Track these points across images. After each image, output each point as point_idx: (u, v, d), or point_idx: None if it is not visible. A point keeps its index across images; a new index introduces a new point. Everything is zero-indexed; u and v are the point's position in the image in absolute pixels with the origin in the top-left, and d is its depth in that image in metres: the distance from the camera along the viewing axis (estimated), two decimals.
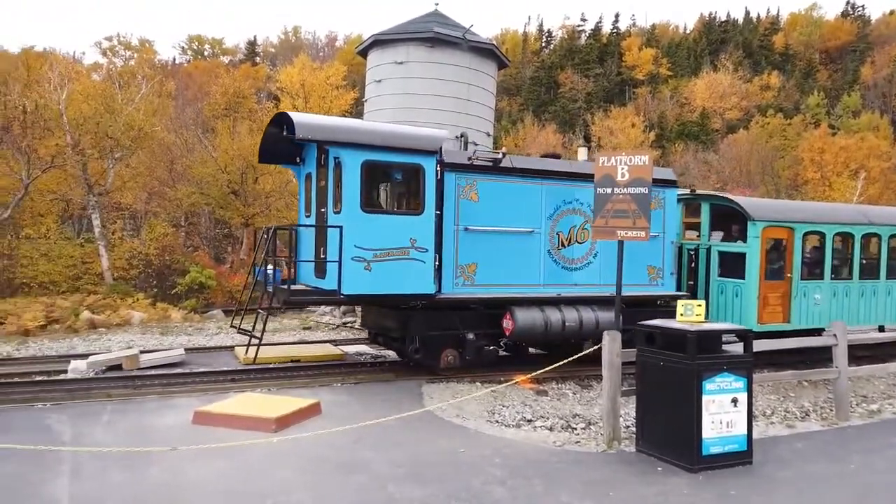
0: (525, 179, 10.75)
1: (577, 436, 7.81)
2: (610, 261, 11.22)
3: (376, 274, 9.42)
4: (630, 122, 56.69)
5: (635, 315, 11.23)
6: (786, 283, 12.11)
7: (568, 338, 10.90)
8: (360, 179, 9.39)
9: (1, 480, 5.69)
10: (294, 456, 6.44)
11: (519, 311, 10.31)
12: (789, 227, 12.11)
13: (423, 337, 10.17)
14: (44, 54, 32.74)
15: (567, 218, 11.09)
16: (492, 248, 10.44)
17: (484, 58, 20.84)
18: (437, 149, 9.88)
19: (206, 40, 73.05)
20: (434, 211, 9.83)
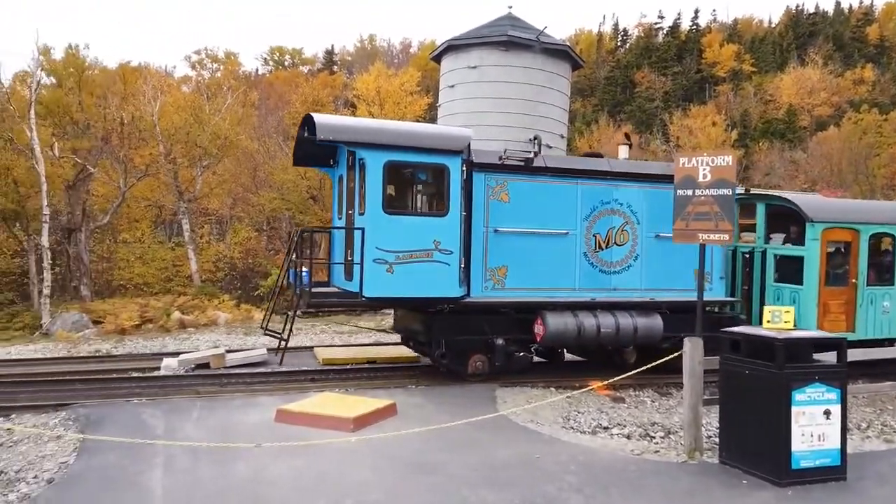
0: (559, 179, 10.42)
1: (656, 445, 7.60)
2: (653, 264, 10.84)
3: (399, 276, 9.23)
4: (710, 121, 54.67)
5: (681, 322, 10.76)
6: (850, 289, 11.24)
7: (604, 344, 10.54)
8: (383, 180, 9.25)
9: (103, 470, 6.09)
10: (371, 455, 6.58)
11: (550, 316, 9.98)
12: (854, 228, 11.24)
13: (450, 341, 9.97)
14: (139, 69, 34.81)
15: (605, 219, 10.65)
16: (523, 251, 10.14)
17: (558, 59, 20.60)
18: (463, 148, 9.63)
19: (287, 51, 75.56)
20: (460, 212, 9.59)
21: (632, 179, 10.89)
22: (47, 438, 7.17)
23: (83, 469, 6.14)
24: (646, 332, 10.40)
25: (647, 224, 10.87)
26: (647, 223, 10.87)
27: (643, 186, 10.87)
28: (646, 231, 10.87)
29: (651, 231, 10.88)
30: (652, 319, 10.49)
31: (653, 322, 10.48)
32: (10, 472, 6.24)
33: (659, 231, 10.81)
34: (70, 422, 7.82)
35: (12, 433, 7.50)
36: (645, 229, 10.87)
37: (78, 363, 12.47)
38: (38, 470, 6.21)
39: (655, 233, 10.84)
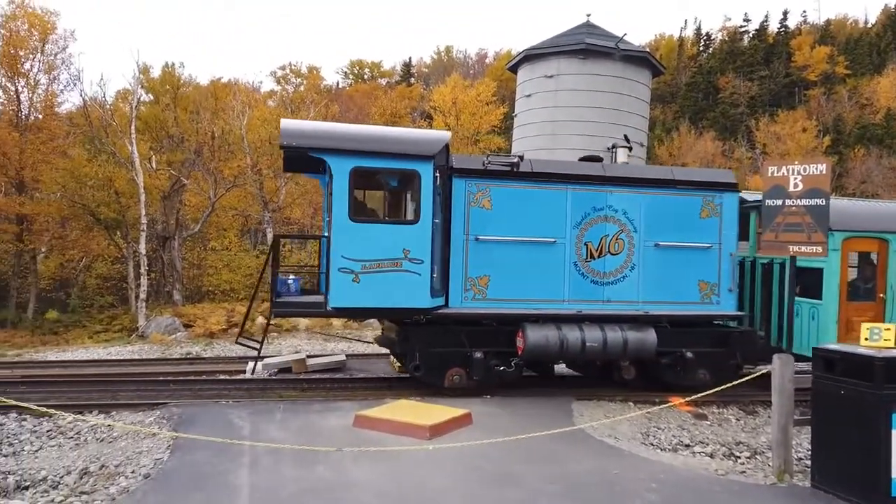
0: (547, 184, 9.92)
1: (741, 465, 7.31)
2: (651, 275, 10.24)
3: (365, 286, 8.88)
4: (801, 127, 52.12)
5: (683, 336, 10.28)
6: (878, 304, 10.30)
7: (591, 359, 10.08)
8: (349, 186, 8.91)
9: (195, 467, 6.41)
10: (448, 464, 6.63)
11: (530, 329, 9.51)
12: (881, 237, 10.27)
13: (425, 353, 9.59)
14: (229, 85, 36.57)
15: (598, 226, 10.09)
16: (506, 260, 9.73)
17: (637, 66, 20.28)
18: (434, 153, 9.14)
19: (366, 64, 77.41)
20: (432, 220, 9.15)
21: (628, 185, 10.28)
22: (144, 435, 7.61)
23: (176, 466, 6.48)
24: (637, 346, 9.78)
25: (645, 232, 10.24)
26: (646, 231, 10.25)
27: (641, 192, 10.26)
28: (644, 240, 10.24)
29: (650, 240, 10.25)
30: (645, 333, 9.85)
31: (645, 336, 9.83)
32: (111, 466, 6.66)
33: (659, 240, 10.26)
34: (164, 420, 8.27)
35: (112, 429, 8.01)
36: (643, 238, 10.24)
37: (171, 364, 13.18)
38: (135, 465, 6.60)
39: (655, 241, 10.25)
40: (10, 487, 6.17)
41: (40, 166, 27.62)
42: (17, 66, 28.85)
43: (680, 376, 10.25)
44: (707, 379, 10.18)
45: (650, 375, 10.43)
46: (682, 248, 10.28)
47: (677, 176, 10.60)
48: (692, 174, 11.15)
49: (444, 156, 9.58)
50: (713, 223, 10.39)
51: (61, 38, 30.13)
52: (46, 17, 29.79)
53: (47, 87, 30.18)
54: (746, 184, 42.13)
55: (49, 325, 25.82)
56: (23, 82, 29.33)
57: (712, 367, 10.30)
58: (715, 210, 10.40)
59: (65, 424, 8.25)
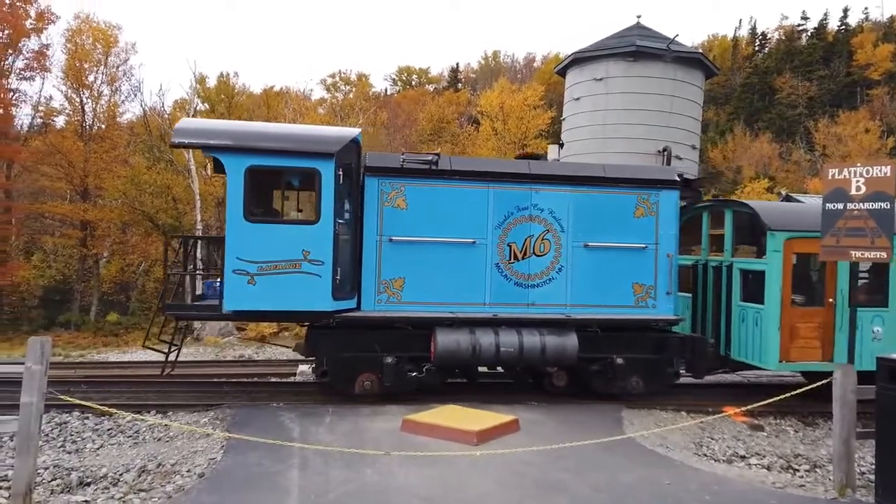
0: (467, 183, 9.55)
1: (800, 478, 7.05)
2: (580, 277, 9.80)
3: (262, 288, 8.58)
4: (863, 128, 50.09)
5: (613, 341, 9.75)
6: (826, 310, 9.60)
7: (507, 365, 9.66)
8: (244, 186, 8.61)
9: (247, 468, 6.55)
10: (495, 470, 6.59)
11: (441, 334, 9.17)
12: None
13: (334, 359, 9.26)
14: (280, 93, 37.43)
15: (522, 227, 9.67)
16: (422, 262, 9.39)
17: (689, 67, 19.86)
18: (335, 151, 8.79)
19: (414, 70, 78.05)
20: (333, 220, 8.80)
21: (555, 182, 9.84)
22: (198, 435, 7.82)
23: (229, 465, 6.64)
24: (556, 352, 9.36)
25: (573, 232, 9.82)
26: (574, 231, 9.82)
27: (569, 190, 9.82)
28: (572, 240, 9.82)
29: (579, 240, 9.83)
30: (564, 338, 9.42)
31: (565, 341, 9.40)
32: (167, 465, 6.87)
33: (589, 240, 9.82)
34: (218, 421, 8.49)
35: (169, 429, 8.26)
36: (571, 238, 9.81)
37: (225, 367, 13.53)
38: (190, 464, 6.79)
39: (584, 242, 9.82)
40: (73, 483, 6.43)
41: (103, 174, 28.85)
42: (81, 79, 30.21)
43: (609, 384, 9.81)
44: (640, 387, 9.81)
45: (582, 382, 10.04)
46: (614, 248, 9.85)
47: (609, 173, 10.12)
48: (626, 171, 10.60)
49: (352, 154, 9.29)
50: (649, 222, 9.93)
51: (123, 50, 31.47)
52: (109, 31, 31.12)
53: (110, 98, 31.53)
54: (805, 187, 40.73)
55: (110, 327, 26.88)
56: (87, 94, 30.72)
57: (646, 374, 9.87)
58: (651, 209, 9.93)
59: (124, 423, 8.56)
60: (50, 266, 31.30)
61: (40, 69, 30.23)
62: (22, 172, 31.43)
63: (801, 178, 47.56)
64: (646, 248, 9.92)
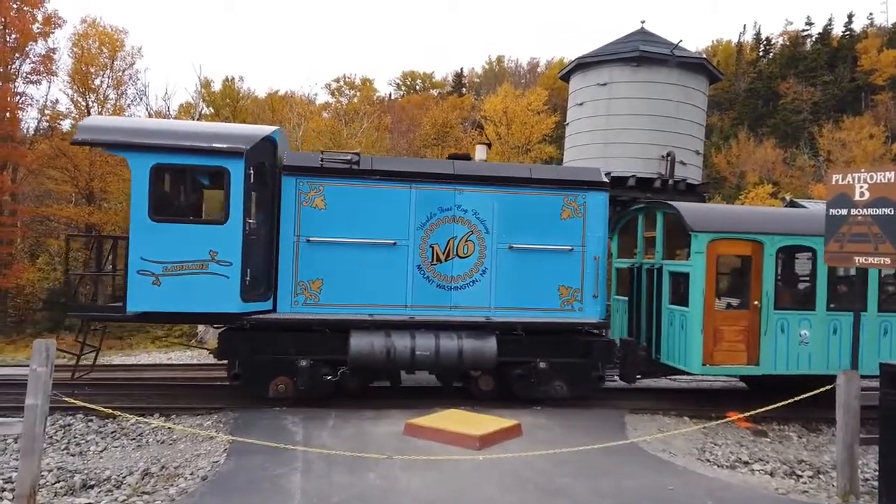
0: (388, 183, 9.42)
1: (803, 484, 7.04)
2: (505, 279, 9.65)
3: (167, 289, 8.42)
4: (867, 133, 50.08)
5: (537, 345, 9.59)
6: (752, 313, 9.50)
7: (424, 369, 9.49)
8: (149, 184, 8.46)
9: (250, 471, 6.56)
10: (498, 474, 6.59)
11: (355, 337, 9.06)
12: (756, 240, 9.47)
13: (248, 361, 9.07)
14: (285, 97, 37.56)
15: (445, 227, 9.54)
16: (341, 263, 9.26)
17: (693, 73, 19.87)
18: (244, 150, 8.64)
19: (418, 75, 78.28)
20: (243, 220, 8.65)
21: (479, 183, 9.71)
22: (202, 438, 7.84)
23: (232, 469, 6.65)
24: (474, 356, 9.23)
25: (498, 234, 9.69)
26: (499, 233, 9.69)
27: (493, 191, 9.70)
28: (497, 242, 9.68)
29: (503, 242, 9.69)
30: (483, 342, 9.29)
31: (483, 345, 9.27)
32: (171, 468, 6.89)
33: (513, 242, 9.69)
34: (221, 424, 8.51)
35: (172, 432, 8.28)
36: (495, 240, 9.69)
37: None
38: (193, 467, 6.81)
39: (509, 244, 9.69)
40: (76, 486, 6.45)
41: (108, 178, 28.98)
42: (88, 83, 30.38)
43: (531, 388, 9.66)
44: (563, 392, 9.69)
45: (507, 387, 9.90)
46: (539, 250, 9.72)
47: (535, 174, 10.02)
48: (552, 172, 10.49)
49: (267, 153, 9.17)
50: (576, 224, 9.79)
51: (129, 54, 31.65)
52: (116, 35, 31.30)
53: (115, 102, 31.67)
54: (809, 192, 40.66)
55: (114, 329, 26.90)
56: (93, 97, 30.86)
57: (571, 378, 9.75)
58: (578, 210, 9.79)
59: (128, 426, 8.58)
60: (55, 269, 31.40)
61: (47, 73, 30.39)
62: (28, 175, 31.57)
63: (805, 183, 47.52)
64: (572, 250, 9.77)
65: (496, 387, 9.87)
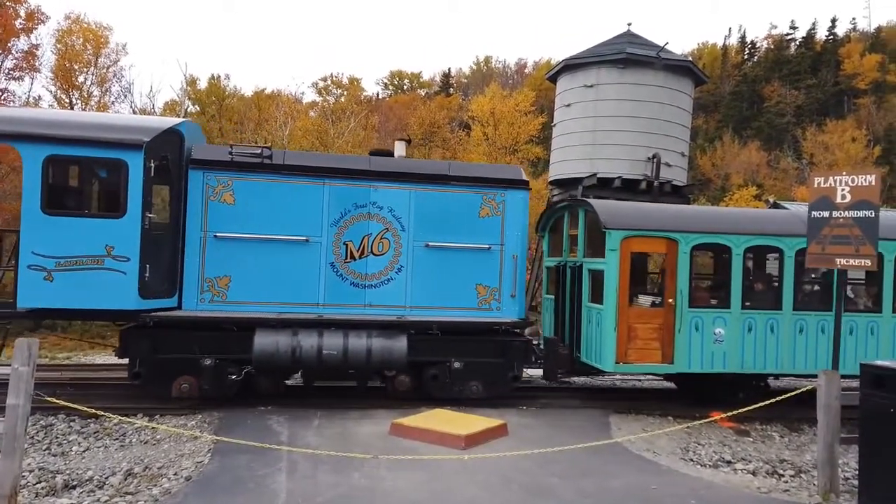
0: (301, 178, 9.29)
1: (785, 483, 7.11)
2: (421, 277, 9.57)
3: (60, 285, 8.16)
4: (850, 136, 50.70)
5: (454, 345, 9.50)
6: (667, 311, 9.44)
7: (331, 368, 9.31)
8: (42, 176, 8.19)
9: (234, 471, 6.53)
10: (483, 474, 6.61)
11: (259, 335, 8.85)
12: (670, 237, 9.42)
13: (149, 361, 8.80)
14: (272, 96, 37.37)
15: (359, 225, 9.43)
16: (251, 260, 9.09)
17: (679, 75, 20.02)
18: (144, 142, 8.40)
19: (406, 75, 78.16)
20: (142, 214, 8.40)
21: (396, 180, 9.60)
22: (186, 438, 7.78)
23: (216, 469, 6.61)
24: (382, 355, 9.09)
25: (414, 231, 9.60)
26: (416, 230, 9.60)
27: (410, 188, 9.60)
28: (413, 240, 9.60)
29: (420, 240, 9.61)
30: (393, 341, 9.13)
31: (392, 344, 9.11)
32: (154, 468, 6.83)
33: (430, 240, 9.61)
34: (206, 424, 8.45)
35: (156, 432, 8.21)
36: (412, 237, 9.60)
37: None
38: (177, 467, 6.76)
39: (426, 242, 9.61)
40: (58, 486, 6.38)
41: None
42: (71, 79, 30.06)
43: (446, 388, 9.53)
44: (479, 392, 9.55)
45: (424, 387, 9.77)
46: (457, 249, 9.65)
47: (453, 171, 9.96)
48: (471, 169, 10.42)
49: (172, 145, 8.94)
50: (494, 222, 9.72)
51: (113, 51, 31.35)
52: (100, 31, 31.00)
53: (100, 99, 31.36)
54: (792, 194, 41.11)
55: (97, 329, 26.63)
56: (76, 94, 30.55)
57: (487, 378, 9.61)
58: (497, 209, 9.71)
59: (111, 426, 8.50)
60: None
61: (29, 69, 30.07)
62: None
63: (788, 185, 48.03)
64: (490, 248, 9.71)
65: (412, 387, 9.69)
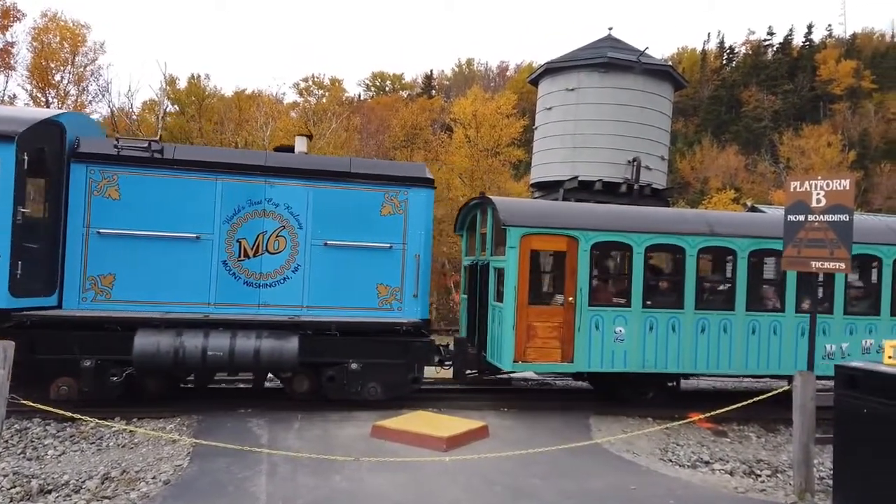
0: (192, 173, 9.01)
1: (761, 483, 7.21)
2: (320, 277, 9.34)
3: None
4: (825, 141, 51.58)
5: (352, 347, 9.19)
6: (566, 309, 9.43)
7: (219, 370, 9.14)
8: None
9: (214, 474, 6.47)
10: (464, 476, 6.62)
11: (140, 336, 8.50)
12: (570, 235, 9.39)
13: (24, 362, 8.13)
14: (252, 96, 37.11)
15: (254, 222, 9.19)
16: (138, 257, 8.80)
17: (659, 80, 20.24)
18: (15, 134, 8.06)
19: (388, 76, 78.06)
20: (13, 209, 8.05)
21: (293, 176, 9.36)
22: (164, 442, 7.70)
23: (195, 472, 6.55)
24: (271, 356, 8.77)
25: (312, 229, 9.37)
26: (314, 228, 9.37)
27: (309, 185, 9.37)
28: (311, 238, 9.36)
29: (318, 238, 9.37)
30: (283, 342, 8.81)
31: (283, 345, 8.79)
32: (132, 472, 6.75)
33: (329, 238, 9.38)
34: (185, 427, 8.36)
35: (134, 435, 8.11)
36: (310, 235, 9.36)
37: None
38: (155, 471, 6.68)
39: (324, 240, 9.38)
40: (33, 491, 6.28)
41: None
42: (47, 78, 29.60)
43: (342, 390, 9.30)
44: (378, 394, 9.35)
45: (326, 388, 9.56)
46: (357, 248, 9.44)
47: (354, 168, 9.71)
48: (373, 166, 10.18)
49: (51, 138, 8.65)
50: (396, 221, 9.52)
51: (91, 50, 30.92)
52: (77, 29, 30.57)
53: (76, 98, 30.92)
54: (770, 198, 41.70)
55: None
56: (53, 93, 30.09)
57: (386, 380, 9.39)
58: (399, 207, 9.52)
59: (87, 429, 8.37)
60: None
61: (4, 67, 29.59)
62: None
63: (766, 189, 48.71)
64: (392, 247, 9.51)
65: (312, 388, 9.49)
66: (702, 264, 10.34)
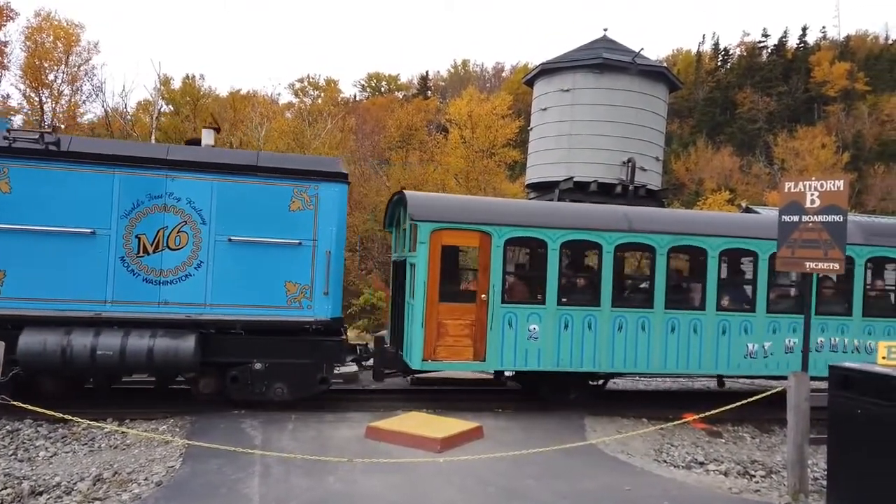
0: (87, 166, 8.69)
1: (756, 484, 7.22)
2: (224, 274, 9.04)
3: None
4: (819, 143, 51.79)
5: (257, 346, 9.02)
6: (479, 306, 9.20)
7: (109, 370, 8.82)
8: None
9: (206, 476, 6.44)
10: (459, 477, 6.60)
11: (25, 335, 8.26)
12: (483, 231, 9.18)
13: None
14: (248, 96, 37.04)
15: (154, 217, 8.85)
16: (29, 253, 8.50)
17: (654, 81, 20.27)
18: None
19: (384, 77, 78.03)
20: None
21: (196, 170, 9.06)
22: (157, 443, 7.66)
23: (188, 474, 6.51)
24: (166, 356, 8.50)
25: (216, 225, 9.05)
26: (218, 224, 9.06)
27: (213, 179, 9.07)
28: (215, 233, 9.04)
29: (222, 234, 9.06)
30: (179, 341, 8.56)
31: (178, 345, 8.54)
32: (124, 473, 6.71)
33: (234, 234, 9.07)
34: (177, 428, 8.32)
35: (126, 437, 8.07)
36: (213, 231, 9.04)
37: None
38: (148, 472, 6.64)
39: (229, 236, 9.06)
40: (24, 492, 6.23)
41: None
42: (41, 77, 29.47)
43: (246, 390, 9.11)
44: (284, 395, 9.17)
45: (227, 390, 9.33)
46: (264, 244, 9.14)
47: (262, 162, 9.43)
48: (281, 160, 9.88)
49: None
50: (306, 217, 9.23)
51: (85, 49, 30.81)
52: (71, 29, 30.46)
53: (70, 98, 30.80)
54: (764, 199, 41.83)
55: None
56: (46, 93, 29.96)
57: (294, 380, 9.20)
58: (309, 202, 9.24)
59: (79, 431, 8.32)
60: None
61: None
62: None
63: (760, 190, 48.86)
64: (301, 244, 9.20)
65: (217, 389, 9.26)
66: (626, 261, 10.12)
